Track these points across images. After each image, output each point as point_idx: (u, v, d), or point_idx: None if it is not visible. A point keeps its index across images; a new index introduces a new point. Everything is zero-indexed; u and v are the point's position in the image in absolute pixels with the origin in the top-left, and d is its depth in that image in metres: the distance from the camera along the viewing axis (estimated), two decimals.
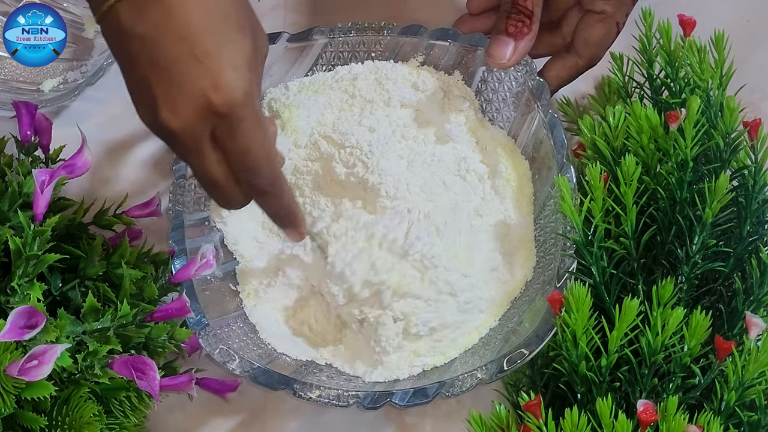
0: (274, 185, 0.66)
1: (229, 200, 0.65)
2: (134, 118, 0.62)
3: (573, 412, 0.65)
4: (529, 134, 0.81)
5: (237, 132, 0.61)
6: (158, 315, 0.68)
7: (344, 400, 0.71)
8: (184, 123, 0.59)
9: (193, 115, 0.59)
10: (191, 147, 0.61)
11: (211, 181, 0.63)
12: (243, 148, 0.62)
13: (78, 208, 0.73)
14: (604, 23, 0.80)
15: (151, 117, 0.60)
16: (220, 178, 0.63)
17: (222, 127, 0.60)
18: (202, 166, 0.62)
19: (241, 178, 0.64)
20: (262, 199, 0.67)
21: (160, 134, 0.61)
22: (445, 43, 0.83)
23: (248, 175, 0.63)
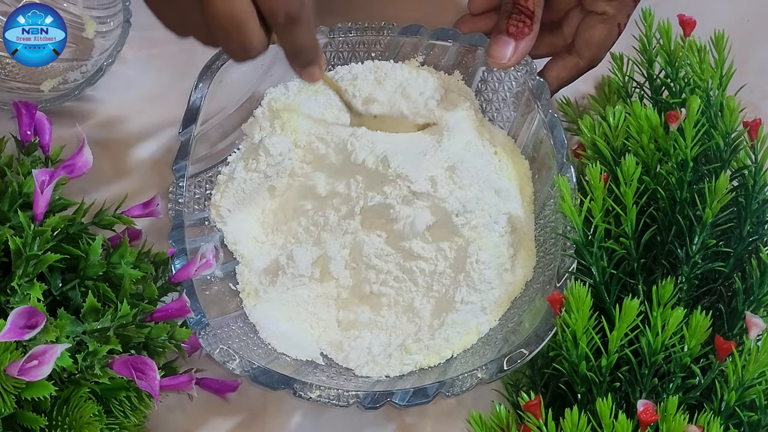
0: (303, 9, 0.63)
1: (249, 43, 0.63)
2: (134, 118, 0.62)
3: (573, 412, 0.65)
4: (529, 134, 0.81)
5: None
6: (158, 315, 0.68)
7: (344, 400, 0.71)
8: None
9: None
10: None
11: (236, 18, 0.61)
12: None
13: (78, 208, 0.73)
14: (605, 24, 0.80)
15: None
16: (246, 15, 0.61)
17: None
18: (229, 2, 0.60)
19: (272, 6, 0.61)
20: (290, 29, 0.64)
21: None
22: (445, 43, 0.83)
23: (276, 4, 0.61)
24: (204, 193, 0.81)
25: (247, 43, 0.63)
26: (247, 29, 0.62)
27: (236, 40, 0.62)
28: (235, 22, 0.61)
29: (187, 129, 0.79)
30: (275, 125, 0.82)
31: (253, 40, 0.63)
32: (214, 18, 0.61)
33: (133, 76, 0.89)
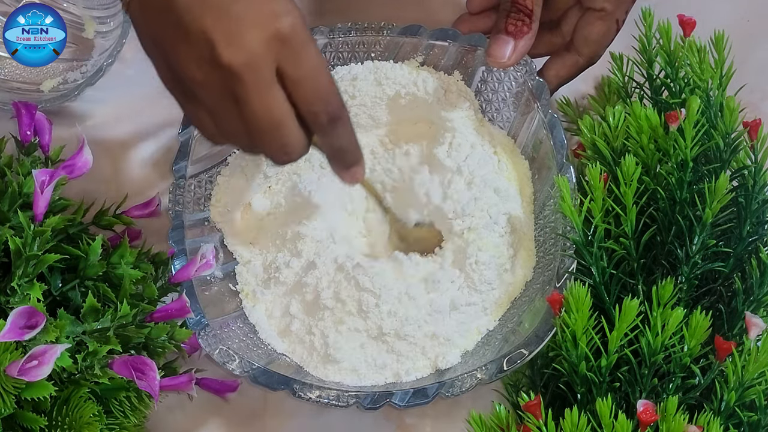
0: (344, 110, 0.64)
1: (289, 145, 0.63)
2: (134, 118, 0.62)
3: (573, 412, 0.65)
4: (529, 134, 0.81)
5: (303, 56, 0.60)
6: (158, 315, 0.68)
7: (344, 401, 0.71)
8: (249, 55, 0.59)
9: (259, 45, 0.59)
10: (256, 83, 0.60)
11: (276, 120, 0.61)
12: (311, 73, 0.61)
13: (78, 208, 0.73)
14: (603, 21, 0.80)
15: (206, 65, 0.59)
16: (285, 116, 0.61)
17: (288, 55, 0.60)
18: (267, 104, 0.61)
19: (310, 109, 0.62)
20: (332, 130, 0.64)
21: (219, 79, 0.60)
22: (444, 43, 0.83)
23: (318, 104, 0.62)
24: (204, 194, 0.81)
25: (288, 146, 0.63)
26: (287, 131, 0.62)
27: (276, 142, 0.63)
28: (273, 123, 0.61)
29: (187, 129, 0.79)
30: None
31: (294, 141, 0.63)
32: (251, 121, 0.61)
33: (133, 76, 0.89)
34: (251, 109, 0.61)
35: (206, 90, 0.61)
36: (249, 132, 0.62)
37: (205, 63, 0.60)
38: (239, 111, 0.61)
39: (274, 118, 0.61)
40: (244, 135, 0.63)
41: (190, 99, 0.63)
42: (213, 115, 0.63)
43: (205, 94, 0.62)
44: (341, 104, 0.64)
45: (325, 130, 0.64)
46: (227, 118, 0.62)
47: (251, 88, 0.60)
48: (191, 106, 0.64)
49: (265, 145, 0.63)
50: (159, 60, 0.63)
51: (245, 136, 0.63)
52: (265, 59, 0.60)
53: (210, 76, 0.60)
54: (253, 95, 0.60)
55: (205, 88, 0.61)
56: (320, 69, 0.62)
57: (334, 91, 0.63)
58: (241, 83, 0.60)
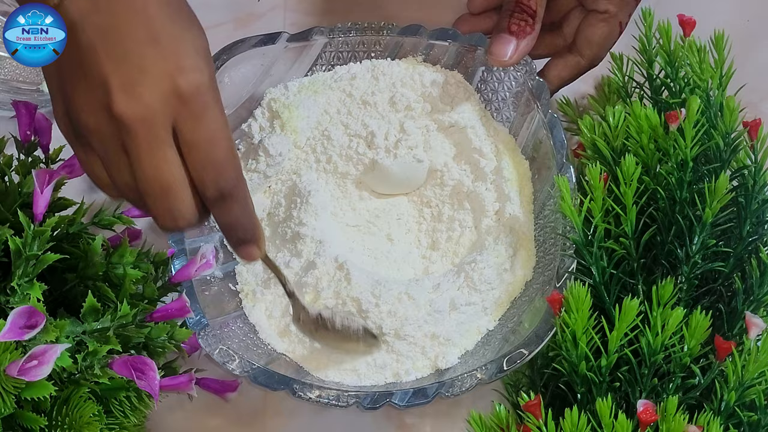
0: (239, 185, 0.59)
1: (178, 211, 0.58)
2: None
3: (573, 412, 0.65)
4: (529, 134, 0.81)
5: (203, 120, 0.56)
6: (158, 315, 0.68)
7: (344, 401, 0.71)
8: (144, 109, 0.55)
9: (156, 99, 0.55)
10: (148, 140, 0.55)
11: (164, 184, 0.57)
12: (209, 138, 0.57)
13: (78, 208, 0.73)
14: (607, 23, 0.80)
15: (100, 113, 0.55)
16: (176, 180, 0.57)
17: (186, 116, 0.56)
18: (158, 164, 0.56)
19: (203, 177, 0.57)
20: (225, 204, 0.59)
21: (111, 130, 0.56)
22: (444, 43, 0.83)
23: (212, 173, 0.57)
24: None
25: (174, 212, 0.58)
26: (175, 196, 0.57)
27: (162, 206, 0.58)
28: (162, 186, 0.57)
29: None
30: (275, 125, 0.82)
31: (182, 209, 0.58)
32: (140, 180, 0.57)
33: None
34: (141, 167, 0.56)
35: (98, 138, 0.57)
36: (138, 191, 0.58)
37: (100, 110, 0.56)
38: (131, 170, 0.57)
39: (163, 181, 0.57)
40: (134, 190, 0.58)
41: (84, 146, 0.59)
42: (105, 165, 0.58)
43: (96, 143, 0.57)
44: (236, 178, 0.59)
45: (214, 204, 0.59)
46: (120, 170, 0.58)
47: (143, 144, 0.56)
48: (86, 155, 0.59)
49: (151, 208, 0.58)
50: (57, 100, 0.59)
51: (135, 192, 0.58)
52: (160, 116, 0.55)
53: (103, 124, 0.56)
54: (144, 153, 0.56)
55: (97, 136, 0.57)
56: (219, 136, 0.57)
57: (231, 162, 0.58)
58: (132, 137, 0.55)
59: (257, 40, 0.82)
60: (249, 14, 0.93)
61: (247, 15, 0.92)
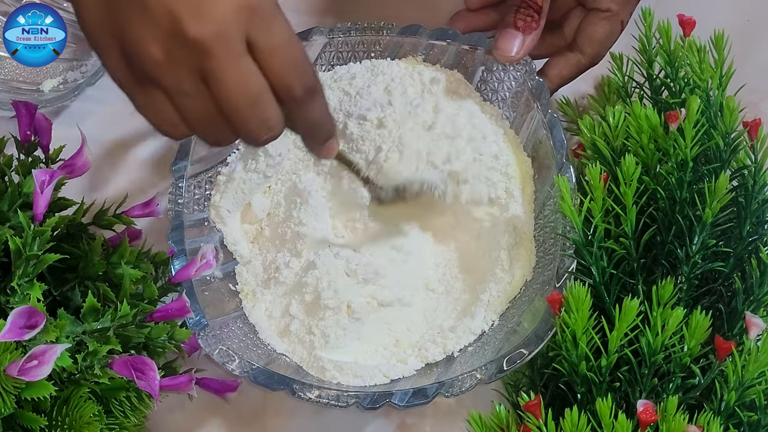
0: (318, 82, 0.61)
1: (270, 119, 0.59)
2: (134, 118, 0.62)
3: (573, 412, 0.65)
4: (529, 134, 0.81)
5: (275, 26, 0.57)
6: (158, 315, 0.68)
7: (344, 401, 0.71)
8: (218, 26, 0.55)
9: (227, 14, 0.55)
10: (228, 56, 0.56)
11: (253, 94, 0.57)
12: (285, 43, 0.57)
13: (78, 208, 0.73)
14: (609, 21, 0.80)
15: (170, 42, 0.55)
16: (262, 88, 0.57)
17: (259, 24, 0.56)
18: (242, 77, 0.57)
19: (284, 81, 0.58)
20: (307, 103, 0.60)
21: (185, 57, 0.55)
22: (444, 43, 0.83)
23: (292, 76, 0.58)
24: (204, 194, 0.81)
25: (268, 120, 0.59)
26: (265, 104, 0.58)
27: (256, 118, 0.58)
28: (251, 98, 0.58)
29: None
30: None
31: (273, 115, 0.59)
32: (226, 98, 0.57)
33: None
34: (225, 85, 0.57)
35: (170, 71, 0.56)
36: (223, 111, 0.58)
37: (169, 40, 0.55)
38: (210, 90, 0.57)
39: (251, 92, 0.57)
40: (216, 117, 0.58)
41: (146, 84, 0.58)
42: (176, 100, 0.58)
43: (167, 76, 0.57)
44: (315, 76, 0.61)
45: (300, 104, 0.60)
46: (195, 100, 0.58)
47: (224, 61, 0.56)
48: (148, 96, 0.58)
49: (243, 124, 0.59)
50: (108, 42, 0.57)
51: (217, 118, 0.58)
52: (235, 30, 0.56)
53: (175, 54, 0.55)
54: (227, 69, 0.56)
55: (168, 68, 0.56)
56: (293, 39, 0.58)
57: (308, 61, 0.60)
58: (211, 57, 0.55)
59: None
60: None
61: None
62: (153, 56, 0.56)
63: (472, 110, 0.81)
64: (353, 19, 0.85)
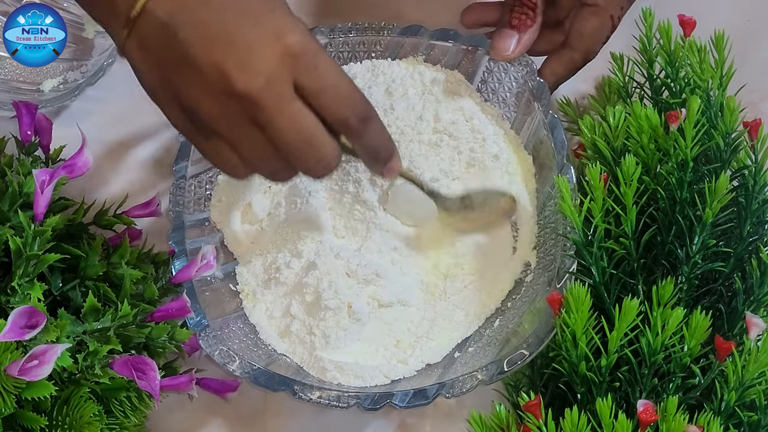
0: (371, 109, 0.63)
1: (326, 154, 0.62)
2: (134, 118, 0.62)
3: (573, 412, 0.65)
4: (530, 134, 0.81)
5: (319, 67, 0.60)
6: (158, 315, 0.68)
7: (344, 401, 0.71)
8: (265, 78, 0.58)
9: (272, 65, 0.58)
10: (277, 102, 0.59)
11: (306, 133, 0.60)
12: (331, 80, 0.60)
13: (78, 208, 0.73)
14: (597, 16, 0.80)
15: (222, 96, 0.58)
16: (314, 127, 0.60)
17: (303, 69, 0.59)
18: (293, 120, 0.59)
19: (338, 117, 0.61)
20: (369, 127, 0.63)
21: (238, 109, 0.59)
22: (445, 43, 0.83)
23: (345, 110, 0.61)
24: (204, 194, 0.81)
25: (324, 156, 0.62)
26: (319, 142, 0.61)
27: (312, 156, 0.61)
28: (305, 138, 0.60)
29: None
30: None
31: (329, 151, 0.62)
32: (281, 141, 0.60)
33: (133, 76, 0.88)
34: (278, 129, 0.60)
35: (225, 122, 0.60)
36: (281, 153, 0.61)
37: (221, 95, 0.58)
38: (265, 136, 0.60)
39: (304, 133, 0.60)
40: (275, 158, 0.61)
41: (208, 136, 0.62)
42: (235, 146, 0.61)
43: (224, 127, 0.60)
44: (367, 103, 0.63)
45: (358, 133, 0.63)
46: (252, 146, 0.61)
47: (274, 109, 0.59)
48: (210, 144, 0.62)
49: (301, 162, 0.62)
50: (168, 101, 0.62)
51: (276, 158, 0.61)
52: (281, 78, 0.59)
53: (228, 107, 0.59)
54: (277, 115, 0.59)
55: (224, 120, 0.60)
56: (339, 74, 0.61)
57: (358, 92, 0.62)
58: (261, 108, 0.59)
59: None
60: None
61: None
62: (209, 112, 0.60)
63: (473, 111, 0.81)
64: (354, 19, 0.85)
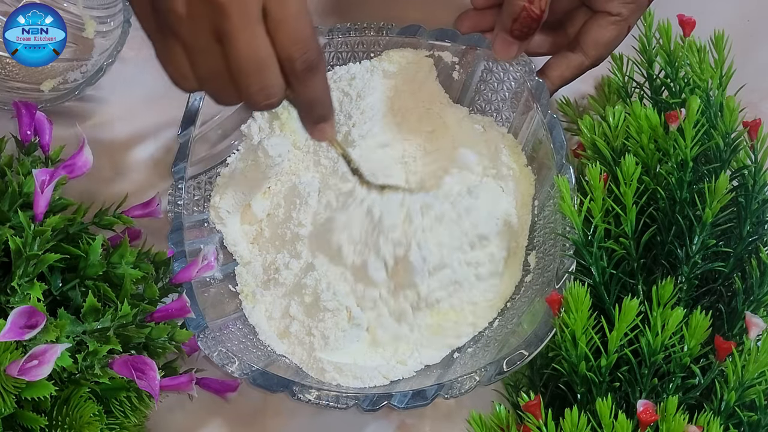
0: (322, 59, 0.64)
1: (272, 87, 0.62)
2: (134, 118, 0.62)
3: (573, 412, 0.65)
4: (529, 134, 0.81)
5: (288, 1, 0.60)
6: (158, 315, 0.68)
7: (343, 402, 0.71)
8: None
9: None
10: (243, 20, 0.59)
11: (260, 60, 0.60)
12: (295, 15, 0.60)
13: (78, 208, 0.73)
14: (617, 25, 0.79)
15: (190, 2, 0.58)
16: (269, 57, 0.61)
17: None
18: (252, 42, 0.60)
19: (288, 53, 0.61)
20: (312, 77, 0.63)
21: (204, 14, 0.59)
22: (444, 43, 0.83)
23: (297, 49, 0.61)
24: (203, 195, 0.81)
25: (269, 87, 0.62)
26: (269, 73, 0.61)
27: (258, 84, 0.62)
28: (258, 64, 0.61)
29: (186, 130, 0.79)
30: (274, 126, 0.82)
31: (275, 84, 0.62)
32: (235, 60, 0.60)
33: (133, 76, 0.89)
34: (236, 47, 0.60)
35: (189, 25, 0.60)
36: (230, 72, 0.61)
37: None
38: (222, 49, 0.60)
39: (258, 58, 0.60)
40: (224, 77, 0.62)
41: (167, 35, 0.61)
42: (191, 53, 0.61)
43: (186, 30, 0.60)
44: (319, 53, 0.63)
45: (300, 78, 0.63)
46: (207, 57, 0.61)
47: (238, 24, 0.59)
48: (166, 44, 0.62)
49: (246, 87, 0.62)
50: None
51: (225, 77, 0.62)
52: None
53: (195, 10, 0.59)
54: (239, 32, 0.59)
55: (188, 22, 0.59)
56: (303, 13, 0.61)
57: (314, 38, 0.62)
58: (227, 19, 0.59)
59: None
60: None
61: None
62: (176, 10, 0.59)
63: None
64: (353, 19, 0.85)
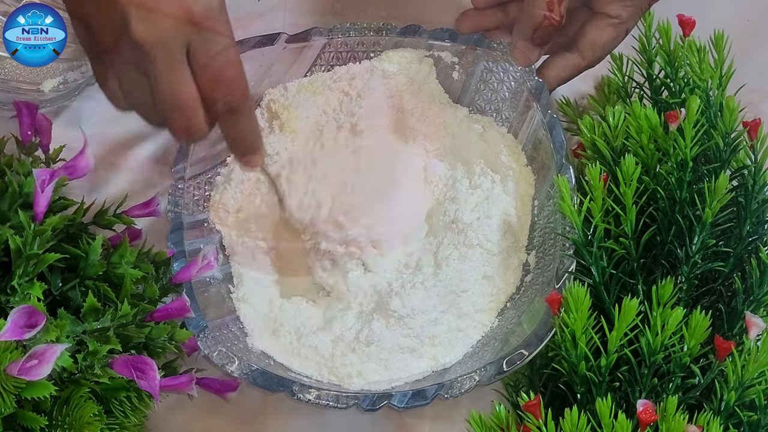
0: (245, 103, 0.65)
1: (192, 126, 0.64)
2: (134, 118, 0.62)
3: (573, 412, 0.65)
4: (529, 134, 0.81)
5: (214, 43, 0.61)
6: (158, 315, 0.68)
7: (343, 402, 0.71)
8: (161, 34, 0.60)
9: (171, 24, 0.60)
10: (165, 63, 0.61)
11: (180, 101, 0.63)
12: (218, 59, 0.62)
13: (78, 208, 0.73)
14: (615, 28, 0.79)
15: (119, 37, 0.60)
16: (190, 97, 0.63)
17: (198, 39, 0.61)
18: (174, 84, 0.62)
19: (214, 95, 0.63)
20: (233, 119, 0.66)
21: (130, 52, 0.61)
22: (444, 43, 0.83)
23: (222, 91, 0.63)
24: (203, 195, 0.81)
25: (190, 127, 0.64)
26: (190, 113, 0.64)
27: (179, 122, 0.64)
28: (179, 104, 0.63)
29: None
30: (274, 126, 0.82)
31: (196, 123, 0.64)
32: (160, 99, 0.63)
33: None
34: (159, 87, 0.62)
35: (117, 58, 0.62)
36: (155, 106, 0.64)
37: (119, 33, 0.60)
38: (149, 85, 0.63)
39: (179, 99, 0.62)
40: (151, 106, 0.64)
41: (102, 60, 0.64)
42: (121, 81, 0.64)
43: (115, 62, 0.62)
44: (243, 95, 0.65)
45: (223, 118, 0.65)
46: (135, 87, 0.63)
47: (160, 67, 0.61)
48: (101, 68, 0.64)
49: (168, 123, 0.65)
50: (78, 16, 0.63)
51: (151, 107, 0.64)
52: (175, 40, 0.60)
53: (122, 47, 0.61)
54: (161, 74, 0.61)
55: (116, 56, 0.62)
56: (228, 57, 0.63)
57: (239, 81, 0.64)
58: (151, 60, 0.61)
59: (256, 41, 0.82)
60: (249, 14, 0.93)
61: (246, 15, 0.92)
62: (105, 43, 0.62)
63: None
64: (353, 19, 0.85)
